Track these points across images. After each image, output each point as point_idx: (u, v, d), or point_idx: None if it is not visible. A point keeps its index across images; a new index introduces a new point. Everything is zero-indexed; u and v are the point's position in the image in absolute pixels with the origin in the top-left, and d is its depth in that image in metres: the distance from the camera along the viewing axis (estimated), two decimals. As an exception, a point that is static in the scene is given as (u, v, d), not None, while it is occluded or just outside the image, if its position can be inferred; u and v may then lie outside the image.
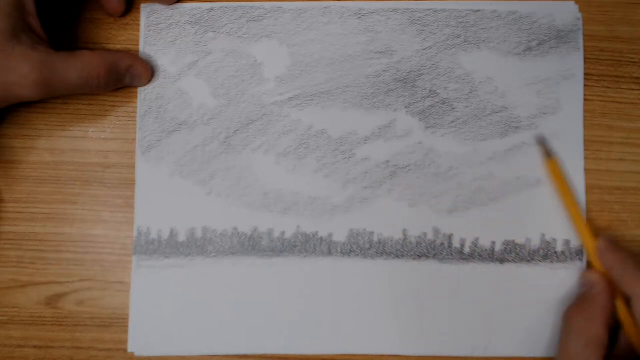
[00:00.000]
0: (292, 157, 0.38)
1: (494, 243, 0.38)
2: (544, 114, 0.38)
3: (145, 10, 0.39)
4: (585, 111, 0.39)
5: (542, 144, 0.38)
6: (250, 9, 0.39)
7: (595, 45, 0.39)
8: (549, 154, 0.38)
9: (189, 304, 0.37)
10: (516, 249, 0.38)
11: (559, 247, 0.38)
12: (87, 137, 0.39)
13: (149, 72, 0.38)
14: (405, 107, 0.38)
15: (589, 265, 0.37)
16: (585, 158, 0.38)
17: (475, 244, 0.38)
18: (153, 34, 0.39)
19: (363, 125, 0.38)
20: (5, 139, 0.38)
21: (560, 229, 0.38)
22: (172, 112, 0.38)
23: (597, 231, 0.38)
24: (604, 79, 0.39)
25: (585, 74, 0.39)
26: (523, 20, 0.39)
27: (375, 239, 0.38)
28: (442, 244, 0.38)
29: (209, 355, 0.37)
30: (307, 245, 0.38)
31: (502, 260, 0.37)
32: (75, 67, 0.34)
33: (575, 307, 0.35)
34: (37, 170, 0.38)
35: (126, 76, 0.37)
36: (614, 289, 0.35)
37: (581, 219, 0.37)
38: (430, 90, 0.39)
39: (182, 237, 0.38)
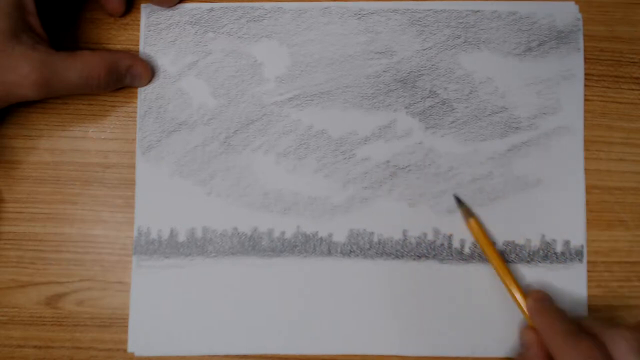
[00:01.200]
0: (292, 157, 0.38)
1: (493, 244, 0.38)
2: (544, 114, 0.38)
3: (145, 10, 0.39)
4: (585, 111, 0.39)
5: (462, 203, 0.37)
6: (250, 9, 0.39)
7: (595, 45, 0.39)
8: (469, 213, 0.37)
9: (189, 304, 0.37)
10: (516, 249, 0.38)
11: (559, 248, 0.38)
12: (87, 137, 0.39)
13: (149, 72, 0.38)
14: (405, 107, 0.38)
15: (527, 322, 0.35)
16: (585, 158, 0.38)
17: (475, 244, 0.38)
18: (153, 34, 0.39)
19: (363, 126, 0.38)
20: (5, 139, 0.38)
21: (560, 229, 0.38)
22: (172, 112, 0.38)
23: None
24: (604, 79, 0.39)
25: (585, 74, 0.39)
26: (523, 20, 0.39)
27: (375, 239, 0.38)
28: (442, 244, 0.38)
29: (209, 355, 0.37)
30: (307, 246, 0.38)
31: (502, 261, 0.38)
32: (75, 67, 0.34)
33: None
34: (37, 170, 0.38)
35: (126, 76, 0.37)
36: None
37: (510, 277, 0.36)
38: (430, 91, 0.39)
39: (182, 237, 0.38)
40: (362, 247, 0.38)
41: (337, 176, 0.38)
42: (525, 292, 0.36)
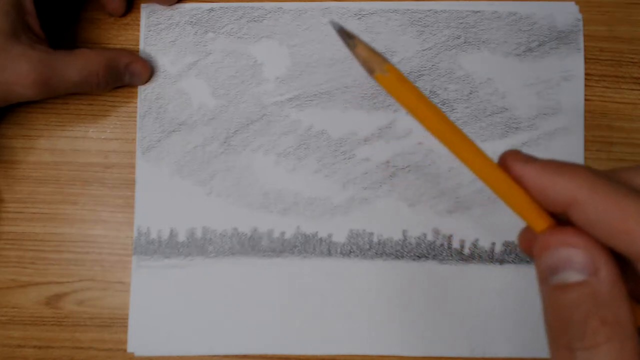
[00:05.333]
0: (292, 157, 0.38)
1: (493, 244, 0.38)
2: (544, 114, 0.38)
3: (145, 10, 0.39)
4: (585, 111, 0.39)
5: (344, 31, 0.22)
6: (250, 10, 0.39)
7: (595, 45, 0.39)
8: (350, 36, 0.21)
9: (189, 304, 0.37)
10: (516, 249, 0.38)
11: (559, 248, 0.38)
12: (87, 137, 0.39)
13: (148, 70, 0.38)
14: (405, 107, 0.38)
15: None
16: (585, 158, 0.38)
17: (474, 244, 0.38)
18: (153, 34, 0.39)
19: (363, 126, 0.38)
20: (5, 139, 0.38)
21: (559, 229, 0.38)
22: (172, 112, 0.38)
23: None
24: (604, 79, 0.39)
25: (585, 74, 0.39)
26: (523, 21, 0.39)
27: (375, 239, 0.38)
28: (442, 244, 0.38)
29: (209, 355, 0.37)
30: (306, 246, 0.38)
31: (501, 261, 0.38)
32: (74, 66, 0.34)
33: None
34: (37, 170, 0.38)
35: (125, 74, 0.37)
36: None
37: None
38: (430, 91, 0.38)
39: (182, 237, 0.38)
40: (361, 247, 0.38)
41: (337, 176, 0.38)
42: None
